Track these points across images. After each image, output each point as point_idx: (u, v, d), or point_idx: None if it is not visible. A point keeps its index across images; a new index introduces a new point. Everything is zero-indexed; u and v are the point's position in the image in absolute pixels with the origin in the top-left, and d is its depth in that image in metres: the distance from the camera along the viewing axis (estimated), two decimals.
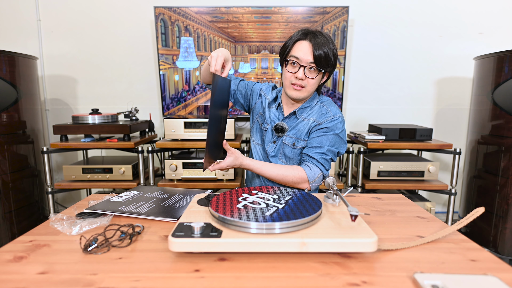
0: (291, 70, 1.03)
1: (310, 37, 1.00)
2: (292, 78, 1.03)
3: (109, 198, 0.93)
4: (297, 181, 1.05)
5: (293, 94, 1.05)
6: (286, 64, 1.04)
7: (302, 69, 1.00)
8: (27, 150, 2.02)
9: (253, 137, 1.24)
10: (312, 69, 1.01)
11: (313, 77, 1.02)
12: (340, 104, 2.28)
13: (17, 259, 0.61)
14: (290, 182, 1.05)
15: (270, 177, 1.07)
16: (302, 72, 1.01)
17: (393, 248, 0.64)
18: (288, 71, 1.04)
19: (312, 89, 1.06)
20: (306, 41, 1.00)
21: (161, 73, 2.24)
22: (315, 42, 0.99)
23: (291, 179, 1.05)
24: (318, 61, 0.99)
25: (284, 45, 1.06)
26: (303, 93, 1.05)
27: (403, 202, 0.95)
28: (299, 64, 1.00)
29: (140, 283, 0.53)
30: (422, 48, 2.35)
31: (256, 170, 1.06)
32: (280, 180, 1.05)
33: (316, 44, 0.98)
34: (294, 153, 1.12)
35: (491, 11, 2.27)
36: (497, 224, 1.87)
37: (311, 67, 1.01)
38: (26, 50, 2.28)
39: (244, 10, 2.15)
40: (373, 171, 1.98)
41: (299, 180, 1.05)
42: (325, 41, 1.00)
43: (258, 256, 0.61)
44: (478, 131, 2.01)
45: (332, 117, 1.07)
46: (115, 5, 2.30)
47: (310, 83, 1.03)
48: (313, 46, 0.99)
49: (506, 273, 0.55)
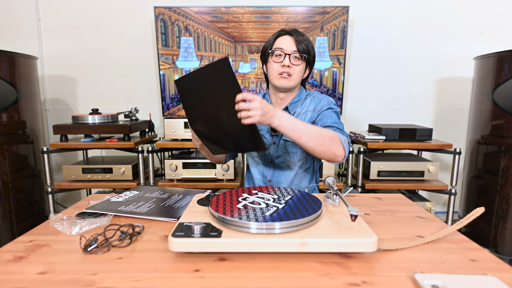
0: (277, 60, 1.08)
1: (291, 32, 1.08)
2: (279, 67, 1.07)
3: (109, 198, 0.93)
4: (333, 137, 0.94)
5: (282, 83, 1.08)
6: (272, 55, 1.09)
7: (287, 56, 1.06)
8: (27, 150, 2.02)
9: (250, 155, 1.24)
10: (297, 57, 1.07)
11: (298, 64, 1.07)
12: (340, 104, 2.28)
13: (17, 259, 0.61)
14: (327, 137, 0.92)
15: (306, 133, 0.89)
16: (288, 60, 1.06)
17: (393, 248, 0.64)
18: (274, 61, 1.08)
19: (299, 78, 1.10)
20: (287, 35, 1.08)
21: (161, 73, 2.24)
22: (296, 36, 1.07)
23: (327, 133, 0.93)
24: (301, 50, 1.06)
25: (264, 46, 1.13)
26: (291, 81, 1.09)
27: (403, 202, 0.95)
28: (284, 53, 1.06)
29: (140, 283, 0.53)
30: (422, 48, 2.35)
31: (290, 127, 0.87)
32: (317, 134, 0.91)
33: (298, 37, 1.07)
34: (296, 146, 1.13)
35: (491, 11, 2.27)
36: (497, 224, 1.87)
37: (296, 56, 1.07)
38: (26, 50, 2.28)
39: (244, 10, 2.15)
40: (373, 171, 1.98)
41: (334, 136, 0.94)
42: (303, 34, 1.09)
43: (258, 256, 0.61)
44: (478, 131, 2.01)
45: (327, 102, 1.13)
46: (115, 5, 2.30)
47: (296, 71, 1.08)
48: (295, 39, 1.06)
49: (506, 273, 0.55)
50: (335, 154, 0.94)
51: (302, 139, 0.89)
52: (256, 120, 0.79)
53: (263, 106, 0.80)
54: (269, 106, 0.82)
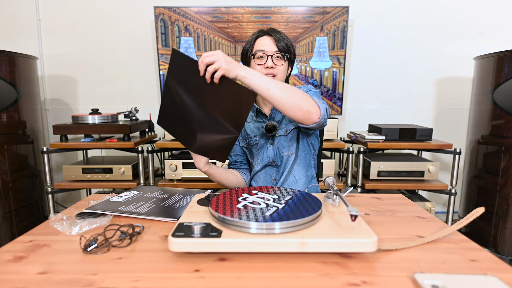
0: (259, 62, 1.08)
1: (269, 32, 1.08)
2: (262, 69, 1.08)
3: (109, 198, 0.93)
4: (305, 94, 0.90)
5: None
6: (254, 58, 1.09)
7: (270, 58, 1.06)
8: (27, 150, 2.02)
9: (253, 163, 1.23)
10: (279, 57, 1.08)
11: (281, 64, 1.08)
12: (340, 104, 2.28)
13: (17, 259, 0.61)
14: (298, 92, 0.89)
15: (275, 85, 0.86)
16: (271, 61, 1.06)
17: (393, 248, 0.64)
18: (257, 64, 1.08)
19: (283, 77, 1.11)
20: (266, 36, 1.08)
21: (161, 73, 2.24)
22: (275, 35, 1.07)
23: (297, 89, 0.90)
24: (282, 50, 1.07)
25: (243, 49, 1.13)
26: None
27: (403, 202, 0.95)
28: (266, 54, 1.07)
29: (140, 283, 0.53)
30: (422, 48, 2.35)
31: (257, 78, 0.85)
32: (286, 88, 0.88)
33: (276, 36, 1.07)
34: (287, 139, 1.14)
35: (491, 11, 2.27)
36: (497, 224, 1.87)
37: (278, 56, 1.07)
38: (26, 50, 2.28)
39: (244, 10, 2.15)
40: (373, 171, 1.98)
41: (308, 99, 0.90)
42: (280, 32, 1.10)
43: (258, 256, 0.61)
44: (478, 131, 2.01)
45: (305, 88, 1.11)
46: (115, 5, 2.30)
47: (280, 71, 1.09)
48: (274, 39, 1.07)
49: (506, 273, 0.55)
50: (309, 111, 0.89)
51: (270, 91, 0.85)
52: (224, 68, 0.80)
53: (225, 55, 0.82)
54: (231, 59, 0.84)
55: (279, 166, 1.18)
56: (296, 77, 2.26)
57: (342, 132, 2.47)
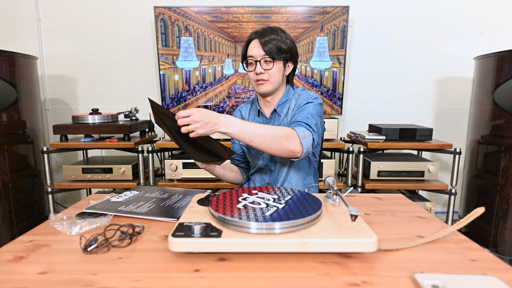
0: (250, 69, 1.09)
1: (257, 35, 1.07)
2: (254, 75, 1.08)
3: (109, 198, 0.93)
4: (288, 134, 0.93)
5: (261, 89, 1.09)
6: (246, 66, 1.10)
7: (258, 64, 1.06)
8: (27, 150, 2.02)
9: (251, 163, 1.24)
10: (267, 61, 1.06)
11: (270, 68, 1.07)
12: (340, 104, 2.28)
13: (17, 259, 0.61)
14: (281, 137, 0.93)
15: (257, 135, 0.90)
16: (260, 66, 1.06)
17: (393, 248, 0.64)
18: (249, 71, 1.10)
19: (277, 79, 1.09)
20: (254, 40, 1.08)
21: (161, 73, 2.24)
22: (262, 37, 1.06)
23: (280, 132, 0.93)
24: (269, 53, 1.05)
25: (242, 53, 1.14)
26: (269, 86, 1.09)
27: (403, 202, 0.95)
28: (254, 60, 1.07)
29: (140, 283, 0.53)
30: (422, 48, 2.35)
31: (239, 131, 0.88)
32: (269, 135, 0.91)
33: (263, 38, 1.05)
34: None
35: (491, 11, 2.27)
36: (497, 224, 1.87)
37: (266, 60, 1.06)
38: (26, 50, 2.28)
39: (244, 10, 2.15)
40: (373, 171, 1.98)
41: (289, 133, 0.94)
42: (271, 32, 1.07)
43: (258, 256, 0.61)
44: (478, 131, 2.01)
45: (306, 97, 1.11)
46: (115, 5, 2.30)
47: (271, 74, 1.07)
48: (260, 41, 1.05)
49: (506, 273, 0.55)
50: (292, 151, 0.95)
51: (253, 142, 0.90)
52: (199, 132, 0.82)
53: (201, 117, 0.82)
54: (209, 115, 0.83)
55: (272, 171, 1.18)
56: (296, 77, 2.26)
57: (342, 132, 2.47)
